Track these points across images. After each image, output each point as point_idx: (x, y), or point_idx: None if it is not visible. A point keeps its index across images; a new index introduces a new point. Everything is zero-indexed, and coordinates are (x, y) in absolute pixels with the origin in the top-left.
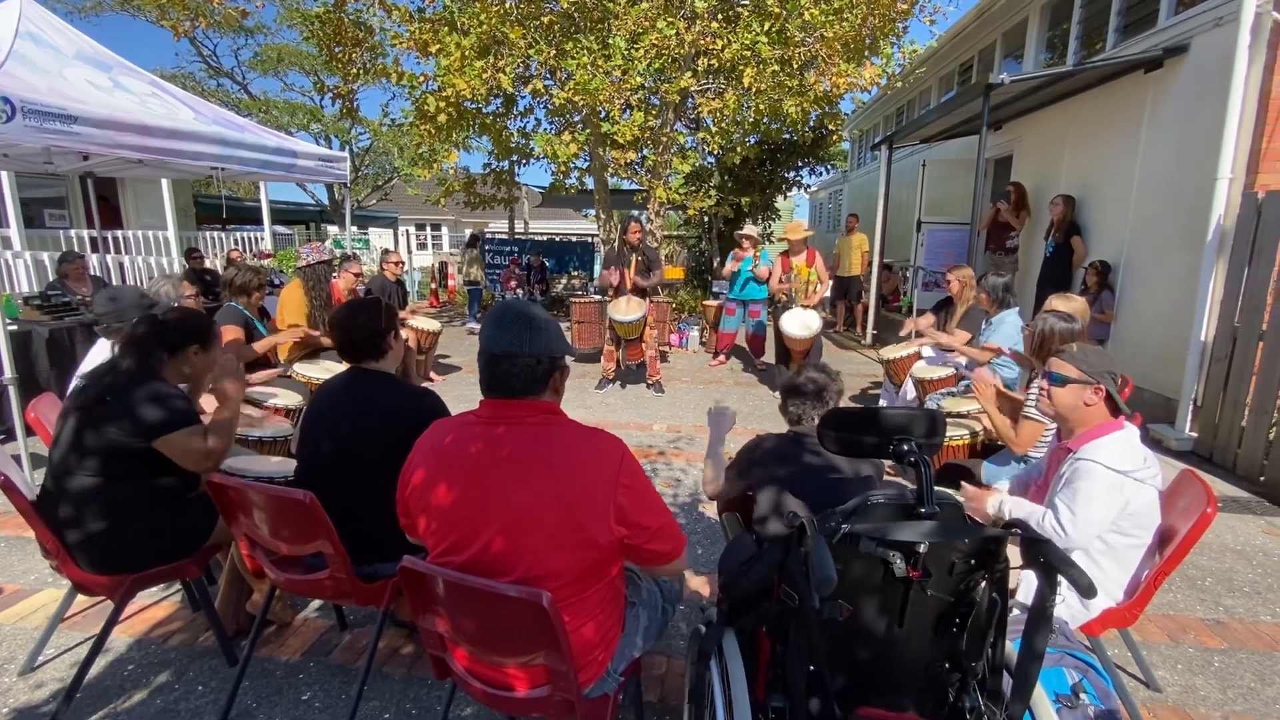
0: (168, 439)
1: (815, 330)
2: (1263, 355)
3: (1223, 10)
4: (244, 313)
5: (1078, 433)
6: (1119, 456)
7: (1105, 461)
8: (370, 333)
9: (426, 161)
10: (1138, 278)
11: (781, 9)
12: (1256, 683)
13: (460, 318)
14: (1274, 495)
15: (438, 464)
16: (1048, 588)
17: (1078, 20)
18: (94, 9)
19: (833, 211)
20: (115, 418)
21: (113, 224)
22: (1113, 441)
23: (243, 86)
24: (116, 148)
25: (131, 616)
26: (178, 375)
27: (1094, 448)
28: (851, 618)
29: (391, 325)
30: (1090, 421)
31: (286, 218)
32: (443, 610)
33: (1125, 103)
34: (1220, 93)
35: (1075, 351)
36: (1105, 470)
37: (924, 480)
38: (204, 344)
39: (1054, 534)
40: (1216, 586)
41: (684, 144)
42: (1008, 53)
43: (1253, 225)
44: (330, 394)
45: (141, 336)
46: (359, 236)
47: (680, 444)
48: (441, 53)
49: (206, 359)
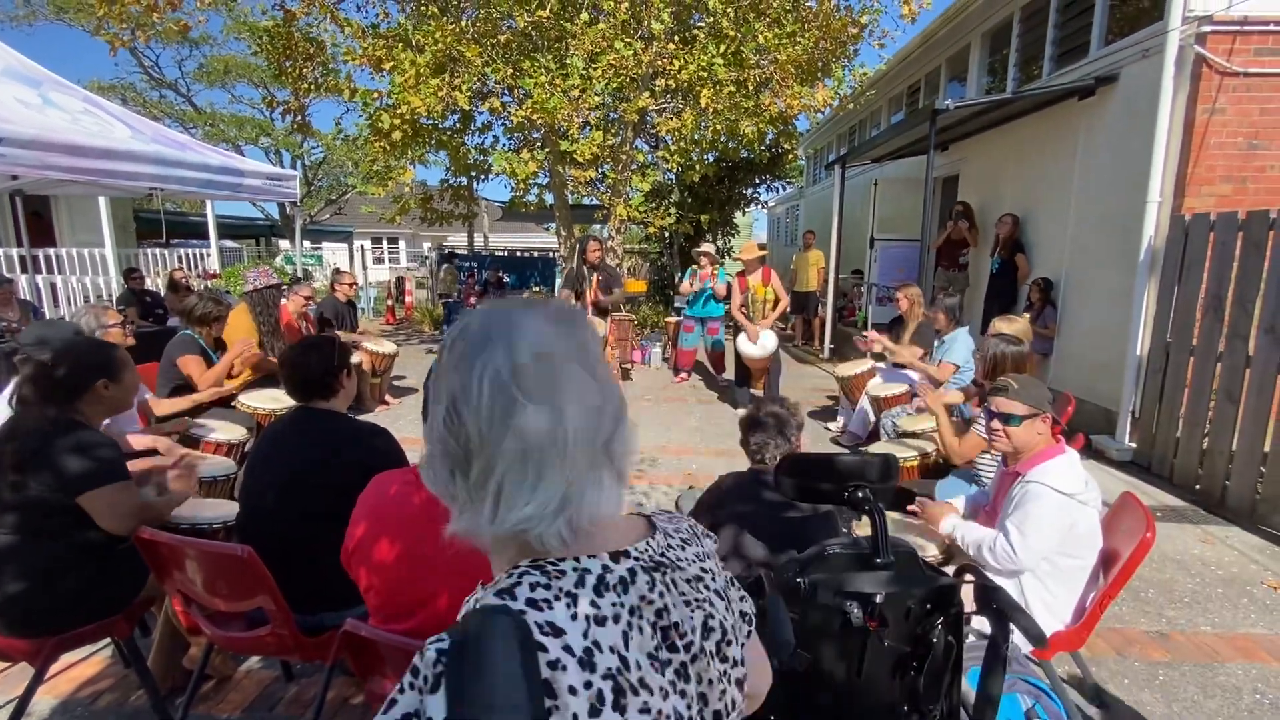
0: (93, 495)
1: (771, 349)
2: (1194, 369)
3: (1149, 43)
4: (200, 342)
5: (1024, 457)
6: (1064, 479)
7: (1053, 484)
8: (322, 372)
9: (381, 178)
10: (1077, 294)
11: (737, 32)
12: (1199, 695)
13: (417, 335)
14: (1208, 504)
15: (379, 519)
16: (1000, 634)
17: (1015, 49)
18: (26, 18)
19: (790, 226)
20: (35, 470)
21: (45, 242)
22: (1058, 465)
23: (187, 99)
24: (46, 169)
25: (56, 675)
26: (98, 413)
27: (1042, 471)
28: (811, 667)
29: (344, 363)
30: (1037, 446)
31: (235, 232)
32: (391, 673)
33: (1061, 128)
34: (1148, 120)
35: (1015, 389)
36: (1053, 492)
37: (879, 530)
38: (111, 375)
39: (1005, 555)
40: (1159, 598)
41: (644, 162)
42: (952, 76)
43: (1181, 246)
44: (275, 436)
45: (34, 389)
46: (311, 252)
47: (643, 466)
48: (396, 70)
49: (121, 388)
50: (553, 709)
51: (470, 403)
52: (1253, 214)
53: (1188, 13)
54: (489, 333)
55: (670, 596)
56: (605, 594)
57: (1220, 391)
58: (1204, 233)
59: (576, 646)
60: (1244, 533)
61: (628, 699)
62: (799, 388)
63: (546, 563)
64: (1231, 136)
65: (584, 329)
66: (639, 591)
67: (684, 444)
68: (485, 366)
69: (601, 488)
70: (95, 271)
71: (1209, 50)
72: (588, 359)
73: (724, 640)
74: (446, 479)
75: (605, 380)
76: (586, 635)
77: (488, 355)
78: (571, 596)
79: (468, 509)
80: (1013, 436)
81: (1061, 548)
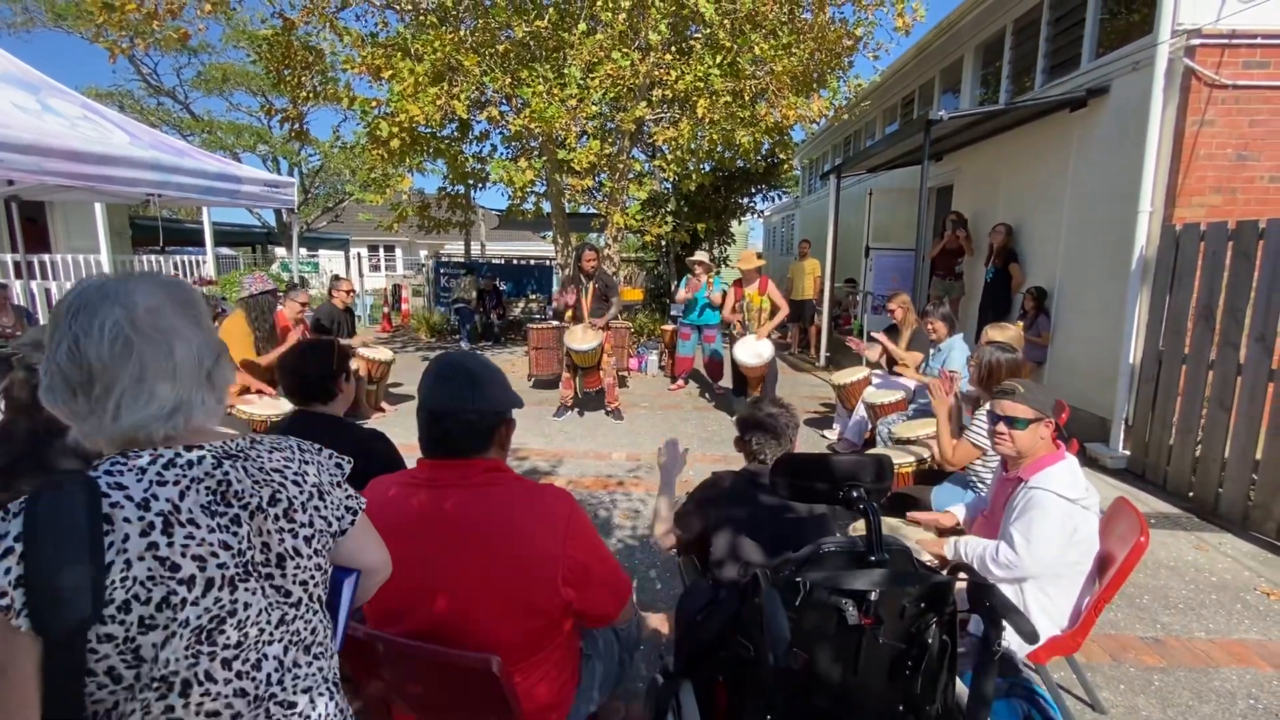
0: None
1: (767, 358)
2: (1186, 377)
3: (1139, 55)
4: None
5: (1025, 463)
6: (1067, 485)
7: (1057, 489)
8: (321, 376)
9: (379, 186)
10: (1070, 303)
11: (733, 43)
12: (1194, 700)
13: (413, 343)
14: (1202, 511)
15: (376, 521)
16: (993, 633)
17: (1008, 60)
18: (24, 25)
19: (786, 235)
20: (29, 475)
21: (40, 247)
22: (1060, 470)
23: (185, 106)
24: (43, 174)
25: None
26: None
27: (1045, 476)
28: (807, 666)
29: (343, 368)
30: (1039, 452)
31: (232, 240)
32: (386, 675)
33: (1054, 138)
34: (1139, 131)
35: (1022, 392)
36: (1057, 498)
37: (873, 528)
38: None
39: (1008, 563)
40: (1153, 604)
41: (640, 171)
42: (946, 88)
43: (1172, 256)
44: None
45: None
46: (308, 259)
47: (639, 473)
48: (394, 78)
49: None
50: (109, 530)
51: (93, 341)
52: (1242, 224)
53: (1177, 26)
54: (106, 292)
55: (236, 474)
56: (172, 469)
57: (1212, 399)
58: (1195, 242)
59: (136, 495)
60: (1237, 539)
61: (175, 530)
62: (795, 395)
63: (132, 452)
64: (1221, 148)
65: (188, 292)
66: (204, 469)
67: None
68: (106, 316)
69: (205, 404)
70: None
71: (1198, 63)
72: (191, 313)
73: (290, 509)
74: (69, 398)
75: (208, 329)
76: (147, 490)
77: (107, 309)
78: (141, 469)
79: (89, 418)
80: (1017, 440)
81: (1063, 553)
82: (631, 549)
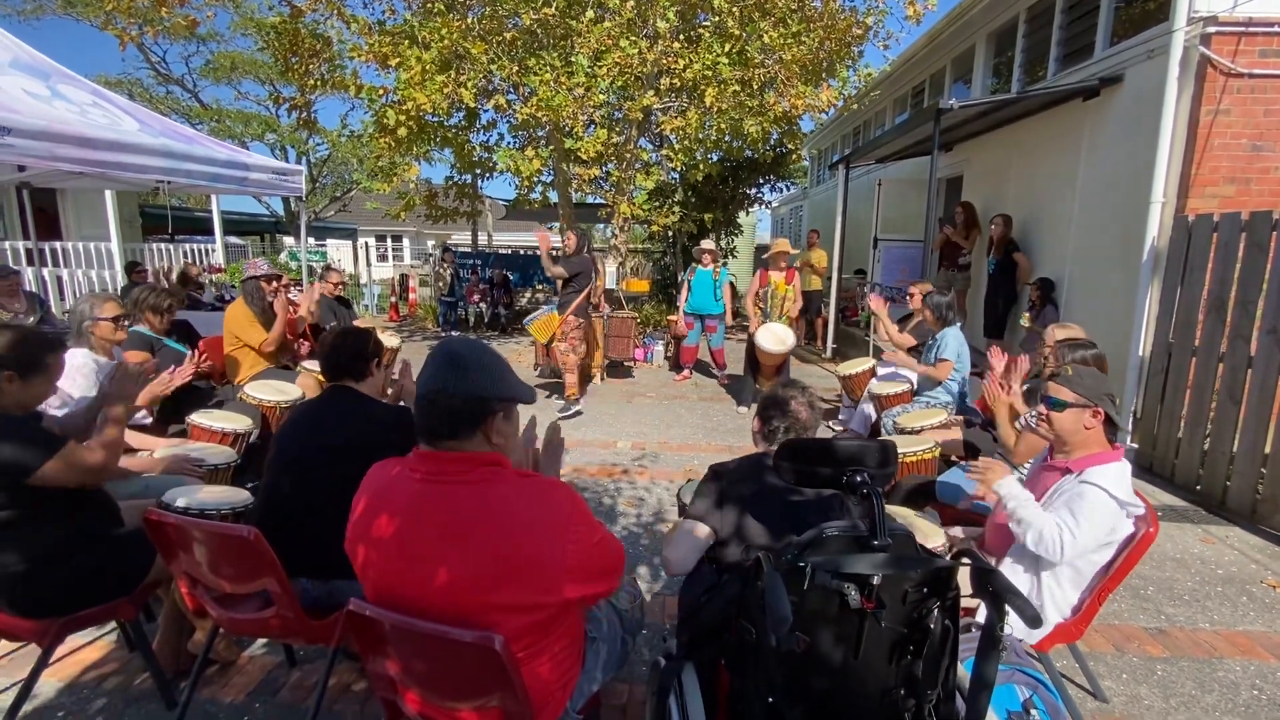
0: (42, 474)
1: (790, 345)
2: (1195, 370)
3: (1154, 44)
4: (147, 335)
5: (1076, 455)
6: (1119, 486)
7: (1110, 489)
8: (355, 353)
9: (386, 174)
10: (1080, 294)
11: (742, 31)
12: (1197, 690)
13: (420, 332)
14: (1209, 504)
15: (379, 496)
16: (995, 616)
17: (1021, 49)
18: (34, 12)
19: (794, 226)
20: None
21: (51, 235)
22: (1114, 470)
23: (194, 94)
24: (54, 160)
25: (62, 659)
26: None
27: (1099, 473)
28: (809, 649)
29: (377, 354)
30: (1090, 445)
31: (240, 228)
32: (392, 653)
33: (1066, 128)
34: (1153, 121)
35: (1071, 375)
36: (1109, 498)
37: (876, 512)
38: (20, 370)
39: (1055, 547)
40: (1158, 595)
41: (648, 160)
42: (957, 77)
43: (1184, 247)
44: (311, 406)
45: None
46: (316, 249)
47: (644, 461)
48: (402, 66)
49: (27, 389)
50: None
51: None
52: (1256, 215)
53: (1193, 14)
54: None
55: None
56: None
57: (1222, 392)
58: (1207, 233)
59: None
60: (1244, 533)
61: None
62: None
63: None
64: (1236, 138)
65: None
66: None
67: (685, 440)
68: None
69: None
70: (101, 265)
71: (1214, 51)
72: None
73: None
74: None
75: None
76: None
77: None
78: None
79: None
80: (1054, 422)
81: (1095, 551)
82: (636, 535)
